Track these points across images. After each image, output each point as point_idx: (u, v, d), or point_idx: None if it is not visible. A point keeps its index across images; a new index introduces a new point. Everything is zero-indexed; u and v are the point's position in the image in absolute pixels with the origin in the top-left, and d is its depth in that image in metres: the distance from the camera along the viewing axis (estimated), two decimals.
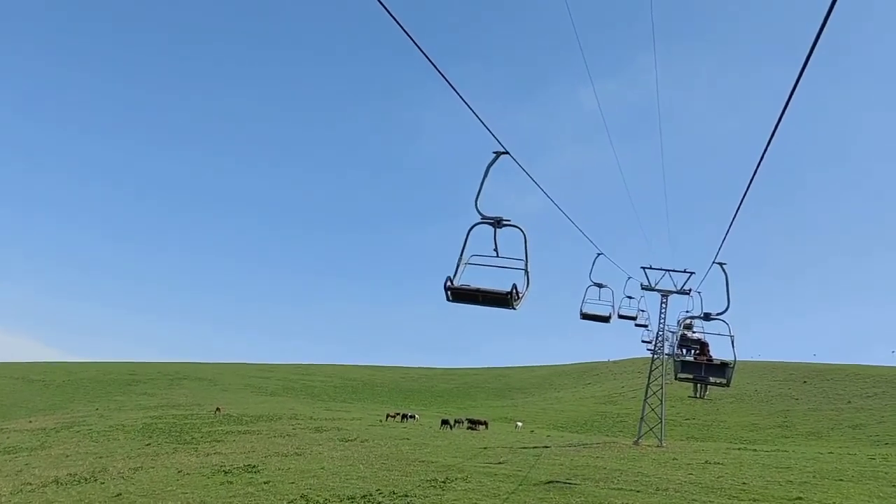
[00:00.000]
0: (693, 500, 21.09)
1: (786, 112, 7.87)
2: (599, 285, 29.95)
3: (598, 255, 28.47)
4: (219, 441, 42.40)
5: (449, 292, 11.64)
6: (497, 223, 11.35)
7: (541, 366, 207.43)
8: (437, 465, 29.32)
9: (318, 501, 21.28)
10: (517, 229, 11.46)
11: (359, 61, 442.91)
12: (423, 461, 31.07)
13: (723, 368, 22.88)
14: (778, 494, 21.98)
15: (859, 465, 30.35)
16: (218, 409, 70.59)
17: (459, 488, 23.16)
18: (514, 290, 11.40)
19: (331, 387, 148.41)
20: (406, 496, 22.01)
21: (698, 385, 33.43)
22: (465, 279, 11.79)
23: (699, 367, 24.11)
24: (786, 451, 45.20)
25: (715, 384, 23.87)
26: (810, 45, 6.24)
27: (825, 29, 5.95)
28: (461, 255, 11.65)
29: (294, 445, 39.03)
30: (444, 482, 24.37)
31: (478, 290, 11.64)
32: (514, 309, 11.72)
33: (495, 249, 11.54)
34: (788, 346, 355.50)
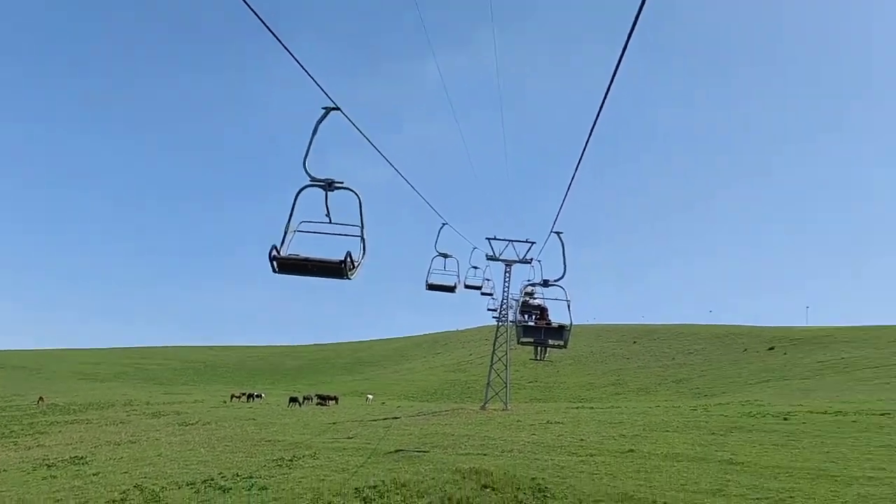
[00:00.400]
0: (535, 458, 21.80)
1: (611, 87, 8.06)
2: (445, 255, 30.11)
3: (443, 225, 28.50)
4: (42, 433, 39.11)
5: (275, 263, 10.69)
6: (328, 185, 10.49)
7: (392, 338, 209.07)
8: (284, 444, 28.58)
9: (153, 490, 19.95)
10: (351, 192, 10.70)
11: (199, 34, 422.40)
12: (269, 441, 30.20)
13: (560, 331, 23.40)
14: (612, 448, 23.22)
15: (683, 417, 32.77)
16: (41, 398, 65.10)
17: (307, 465, 22.61)
18: (349, 259, 10.71)
19: (169, 370, 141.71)
20: (251, 478, 21.16)
21: (538, 348, 34.62)
22: (295, 248, 10.89)
23: (539, 330, 24.62)
24: (618, 407, 48.11)
25: (553, 346, 24.66)
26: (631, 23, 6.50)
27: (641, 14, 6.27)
28: (288, 221, 10.73)
29: (128, 433, 36.70)
30: (291, 461, 23.73)
31: (307, 260, 10.81)
32: (349, 279, 10.95)
33: (327, 215, 10.76)
34: (621, 308, 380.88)
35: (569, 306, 21.30)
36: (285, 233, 10.74)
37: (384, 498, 17.34)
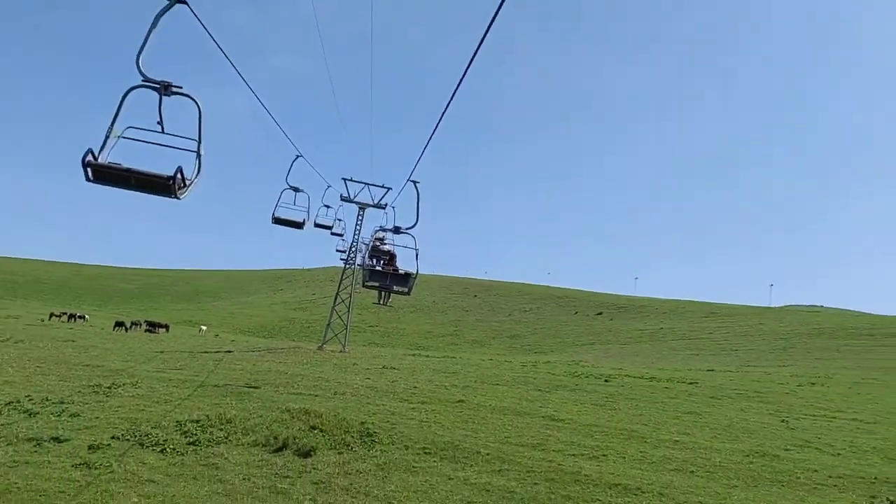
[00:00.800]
0: (367, 403, 21.82)
1: (483, 42, 7.81)
2: (296, 189, 28.79)
3: (297, 157, 27.43)
4: None
5: (90, 170, 9.12)
6: (164, 89, 9.12)
7: (232, 270, 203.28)
8: (104, 370, 26.88)
9: None
10: (190, 100, 9.37)
11: None
12: (87, 365, 28.30)
13: (406, 278, 23.59)
14: (444, 397, 23.68)
15: (514, 372, 34.09)
16: None
17: (126, 394, 21.35)
18: (179, 176, 9.36)
19: None
20: (62, 402, 19.70)
21: (382, 293, 34.81)
22: (118, 157, 9.34)
23: (385, 276, 24.63)
24: (454, 357, 49.43)
25: (397, 292, 24.82)
26: None
27: None
28: (112, 124, 9.18)
29: None
30: (109, 388, 22.31)
31: (129, 171, 9.26)
32: (178, 198, 9.63)
33: (160, 122, 9.39)
34: (465, 263, 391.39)
35: (417, 255, 21.45)
36: (107, 137, 9.19)
37: (206, 433, 16.67)
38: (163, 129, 9.44)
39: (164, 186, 9.37)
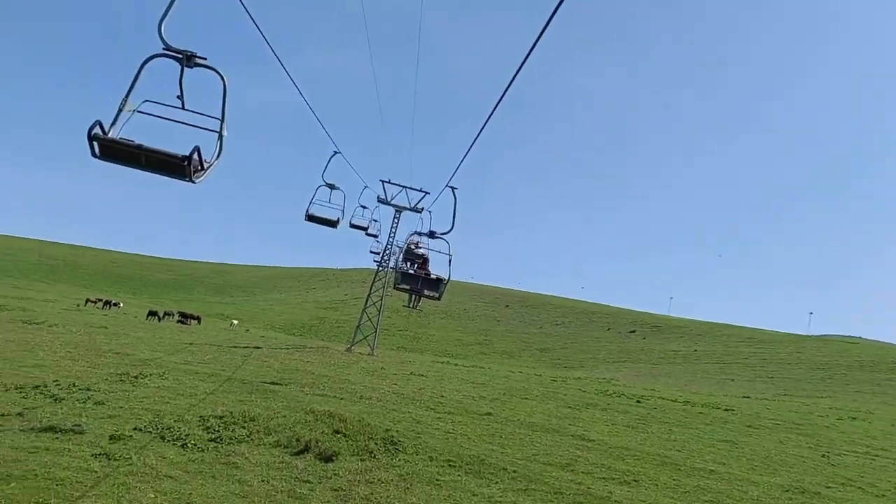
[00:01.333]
0: (393, 409, 21.38)
1: (529, 56, 7.77)
2: (331, 186, 27.81)
3: (335, 153, 26.48)
4: None
5: (96, 144, 8.19)
6: (187, 59, 8.22)
7: (267, 266, 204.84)
8: (133, 359, 26.90)
9: None
10: (215, 73, 8.46)
11: None
12: (117, 353, 28.37)
13: (437, 283, 23.33)
14: (471, 409, 23.15)
15: (544, 386, 33.42)
16: None
17: (152, 385, 21.24)
18: (197, 157, 8.33)
19: (24, 263, 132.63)
20: (88, 389, 19.62)
21: (413, 296, 34.43)
22: (131, 132, 8.44)
23: (417, 279, 24.35)
24: (482, 367, 48.85)
25: (428, 297, 24.58)
26: None
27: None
28: (127, 95, 8.32)
29: None
30: (136, 377, 22.24)
31: (140, 148, 8.23)
32: (193, 182, 8.59)
33: (180, 97, 8.54)
34: (499, 272, 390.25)
35: (450, 261, 21.22)
36: (120, 109, 8.29)
37: (228, 430, 16.40)
38: (183, 104, 8.55)
39: (179, 168, 8.32)
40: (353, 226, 39.61)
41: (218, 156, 8.74)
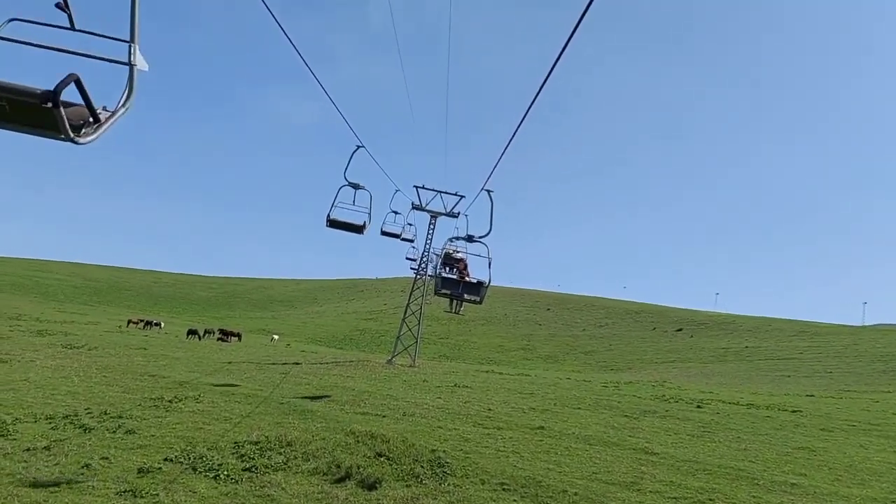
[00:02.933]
0: (438, 426, 20.09)
1: (560, 59, 7.59)
2: (355, 186, 23.59)
3: (358, 147, 22.77)
4: None
5: None
6: None
7: (306, 279, 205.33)
8: (169, 381, 26.11)
9: (4, 422, 17.34)
10: None
11: None
12: (153, 375, 27.64)
13: (478, 287, 22.48)
14: (522, 422, 21.70)
15: (595, 393, 31.78)
16: None
17: (187, 409, 20.32)
18: (80, 94, 5.30)
19: (69, 286, 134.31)
20: (120, 417, 18.77)
21: (454, 301, 33.42)
22: None
23: (457, 284, 23.38)
24: (528, 374, 47.29)
25: (469, 301, 23.54)
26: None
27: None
28: None
29: (3, 350, 33.26)
30: (170, 402, 21.38)
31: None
32: (75, 142, 5.32)
33: (65, 7, 5.49)
34: (537, 275, 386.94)
35: (489, 264, 20.50)
36: None
37: (264, 457, 15.32)
38: (72, 23, 5.60)
39: (42, 114, 5.20)
40: (384, 233, 37.96)
41: (126, 100, 5.79)
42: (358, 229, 25.07)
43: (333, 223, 24.75)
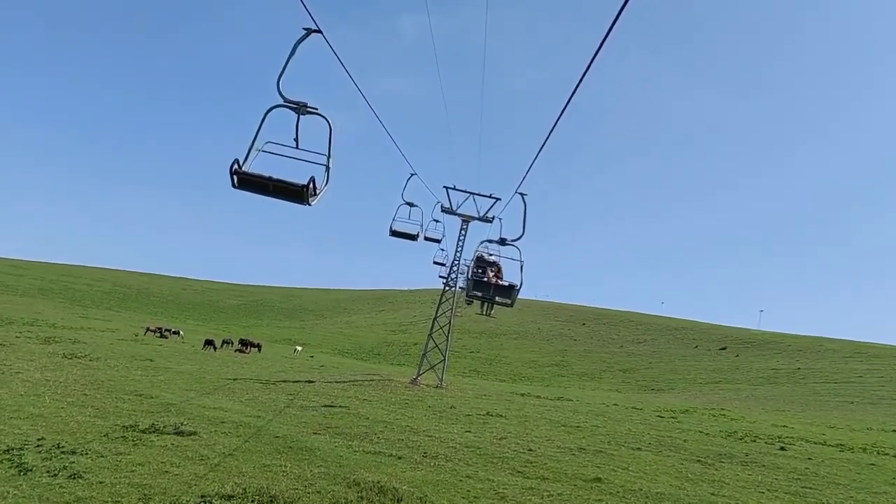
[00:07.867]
0: (468, 475, 15.85)
1: (590, 68, 7.88)
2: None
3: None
4: None
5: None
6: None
7: (336, 289, 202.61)
8: (154, 403, 22.49)
9: None
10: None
11: None
12: (141, 395, 24.05)
13: (509, 290, 23.79)
14: (572, 471, 17.23)
15: (652, 427, 27.28)
16: None
17: (158, 444, 16.52)
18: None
19: (98, 292, 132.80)
20: (73, 453, 15.08)
21: (485, 304, 35.89)
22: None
23: (489, 286, 24.89)
24: (569, 399, 42.86)
25: (500, 303, 24.97)
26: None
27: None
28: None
29: None
30: (144, 431, 17.67)
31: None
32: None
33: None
34: (573, 289, 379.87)
35: (521, 267, 21.55)
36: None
37: None
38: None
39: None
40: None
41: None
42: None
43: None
